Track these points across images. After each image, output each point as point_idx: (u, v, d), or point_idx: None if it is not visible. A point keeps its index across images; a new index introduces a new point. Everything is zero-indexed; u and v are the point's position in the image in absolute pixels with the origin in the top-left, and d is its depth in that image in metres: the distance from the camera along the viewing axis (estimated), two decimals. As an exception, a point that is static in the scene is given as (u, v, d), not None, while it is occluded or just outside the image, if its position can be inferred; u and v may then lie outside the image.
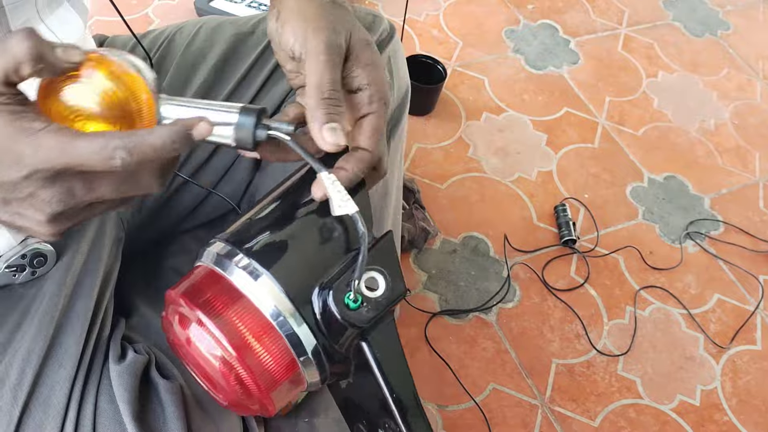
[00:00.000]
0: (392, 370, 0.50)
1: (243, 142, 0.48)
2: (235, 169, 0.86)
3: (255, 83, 0.82)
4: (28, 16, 0.62)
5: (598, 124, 1.61)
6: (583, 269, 1.34)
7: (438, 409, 1.13)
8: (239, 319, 0.46)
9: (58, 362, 0.64)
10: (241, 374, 0.46)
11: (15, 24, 0.61)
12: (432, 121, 1.54)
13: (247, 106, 0.49)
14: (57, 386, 0.63)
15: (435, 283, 1.29)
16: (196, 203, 0.86)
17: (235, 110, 0.48)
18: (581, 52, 1.77)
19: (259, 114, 0.49)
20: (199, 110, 0.48)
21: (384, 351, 0.50)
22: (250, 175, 0.88)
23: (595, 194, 1.47)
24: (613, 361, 1.23)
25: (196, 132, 0.43)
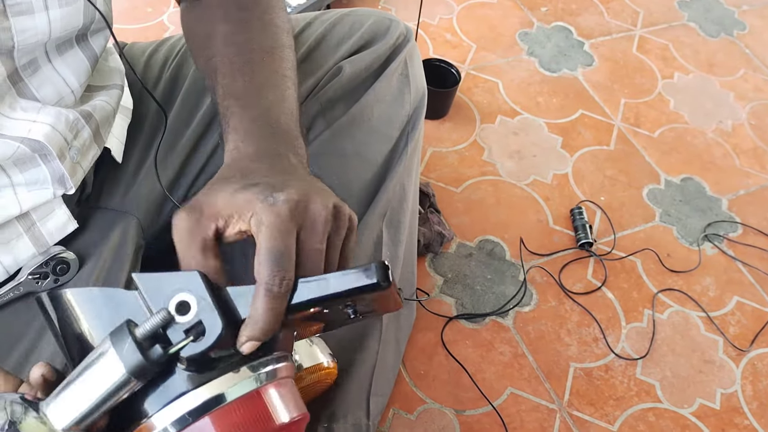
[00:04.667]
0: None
1: (140, 371, 0.42)
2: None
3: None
4: (36, 55, 0.62)
5: (614, 126, 1.60)
6: (600, 272, 1.34)
7: (455, 413, 1.13)
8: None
9: None
10: None
11: (21, 62, 0.61)
12: (446, 125, 1.54)
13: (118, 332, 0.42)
14: None
15: (451, 287, 1.29)
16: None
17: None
18: (596, 54, 1.77)
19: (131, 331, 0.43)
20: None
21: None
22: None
23: (611, 197, 1.46)
24: (631, 364, 1.22)
25: None
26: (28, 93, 0.63)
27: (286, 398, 0.49)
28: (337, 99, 0.87)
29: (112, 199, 0.77)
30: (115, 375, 0.41)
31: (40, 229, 0.67)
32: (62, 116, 0.64)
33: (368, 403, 1.01)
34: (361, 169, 0.90)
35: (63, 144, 0.64)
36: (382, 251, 0.96)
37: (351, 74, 0.88)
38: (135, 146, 0.80)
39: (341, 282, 0.45)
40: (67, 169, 0.64)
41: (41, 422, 0.42)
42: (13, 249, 0.66)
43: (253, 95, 0.62)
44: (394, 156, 0.95)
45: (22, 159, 0.62)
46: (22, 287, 0.66)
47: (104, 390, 0.42)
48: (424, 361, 1.18)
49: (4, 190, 0.62)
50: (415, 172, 1.01)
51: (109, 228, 0.74)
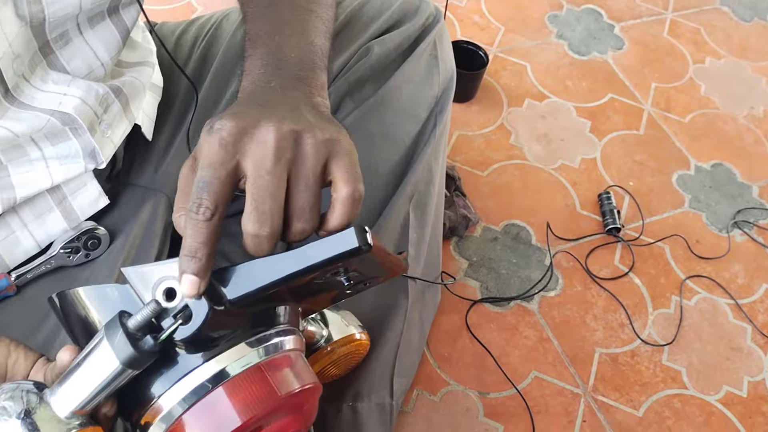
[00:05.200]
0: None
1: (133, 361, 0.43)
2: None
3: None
4: (67, 28, 0.63)
5: (644, 110, 1.58)
6: (628, 258, 1.32)
7: (479, 395, 1.13)
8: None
9: None
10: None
11: (52, 35, 0.61)
12: (473, 108, 1.53)
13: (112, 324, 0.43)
14: None
15: (476, 271, 1.28)
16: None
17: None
18: (626, 38, 1.74)
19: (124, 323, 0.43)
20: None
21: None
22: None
23: (640, 182, 1.44)
24: (657, 350, 1.21)
25: None
26: (59, 65, 0.64)
27: (293, 369, 0.49)
28: (366, 79, 0.87)
29: (143, 176, 0.78)
30: (110, 366, 0.42)
31: (72, 204, 0.68)
32: (92, 90, 0.64)
33: (392, 383, 1.02)
34: (388, 150, 0.90)
35: (93, 117, 0.64)
36: (409, 233, 0.96)
37: (380, 54, 0.87)
38: (165, 124, 0.81)
39: (319, 251, 0.44)
40: (98, 142, 0.65)
41: (53, 409, 0.43)
42: (45, 222, 0.67)
43: (268, 35, 0.59)
44: (422, 138, 0.94)
45: (53, 132, 0.63)
46: (54, 261, 0.67)
47: (102, 380, 0.43)
48: (449, 343, 1.18)
49: (35, 162, 0.63)
50: (442, 155, 1.01)
51: (139, 205, 0.75)
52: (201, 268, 0.43)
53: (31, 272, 0.66)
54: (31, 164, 0.63)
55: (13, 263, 0.66)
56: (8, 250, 0.65)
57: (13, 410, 0.42)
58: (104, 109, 0.66)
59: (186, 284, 0.43)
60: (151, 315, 0.43)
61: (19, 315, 0.65)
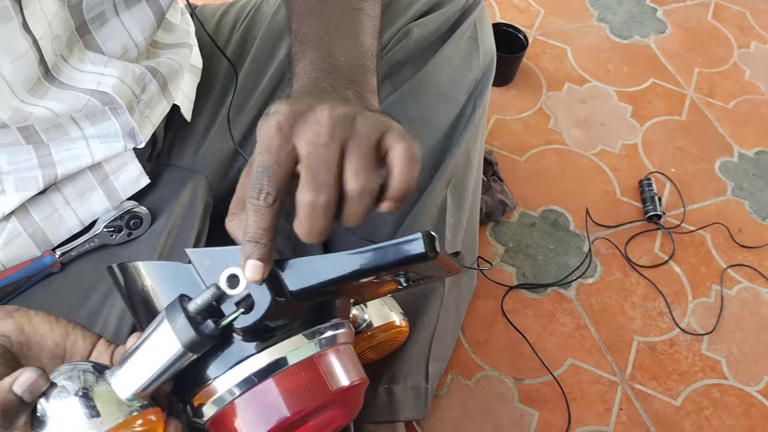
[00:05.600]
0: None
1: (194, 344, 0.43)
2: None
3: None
4: (104, 8, 0.63)
5: (686, 95, 1.55)
6: (668, 246, 1.30)
7: (514, 381, 1.13)
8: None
9: None
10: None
11: (89, 15, 0.62)
12: (511, 92, 1.51)
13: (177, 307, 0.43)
14: None
15: (512, 257, 1.27)
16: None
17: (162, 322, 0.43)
18: (669, 21, 1.70)
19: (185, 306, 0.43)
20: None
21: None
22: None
23: (682, 169, 1.41)
24: (697, 340, 1.19)
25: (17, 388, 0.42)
26: (95, 46, 0.65)
27: (345, 363, 0.49)
28: (404, 62, 0.86)
29: (183, 157, 0.78)
30: (171, 349, 0.43)
31: (113, 182, 0.69)
32: (129, 70, 0.65)
33: (427, 366, 1.02)
34: (426, 134, 0.89)
35: (131, 97, 0.65)
36: (446, 218, 0.96)
37: (419, 37, 0.86)
38: (205, 106, 0.81)
39: (386, 253, 0.44)
40: (137, 122, 0.66)
41: (112, 390, 0.44)
42: (88, 200, 0.68)
43: (318, 37, 0.59)
44: (461, 121, 0.93)
45: (93, 112, 0.63)
46: (97, 239, 0.68)
47: (162, 363, 0.43)
48: (484, 328, 1.18)
49: (76, 141, 0.64)
50: (481, 139, 1.00)
51: (180, 185, 0.75)
52: (265, 254, 0.44)
53: (75, 250, 0.67)
54: (72, 143, 0.64)
55: (56, 240, 0.67)
56: (52, 228, 0.66)
57: (72, 389, 0.42)
58: (142, 89, 0.67)
59: (250, 269, 0.43)
60: (211, 300, 0.43)
61: (64, 291, 0.66)
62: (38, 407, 0.42)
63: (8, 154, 0.62)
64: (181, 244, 0.71)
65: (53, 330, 0.49)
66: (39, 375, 0.42)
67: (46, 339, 0.48)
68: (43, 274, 0.66)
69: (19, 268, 0.64)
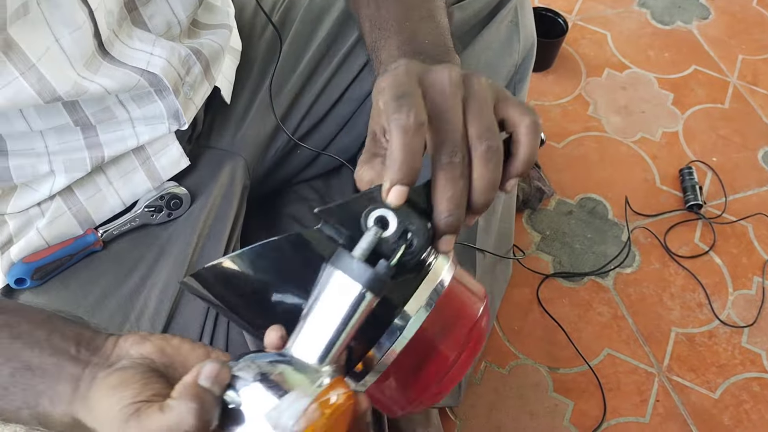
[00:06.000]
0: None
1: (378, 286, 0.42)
2: (354, 121, 0.86)
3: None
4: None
5: (729, 83, 1.51)
6: (709, 236, 1.27)
7: (549, 370, 1.12)
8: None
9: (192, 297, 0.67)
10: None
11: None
12: (550, 77, 1.49)
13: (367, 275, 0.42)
14: (191, 318, 0.66)
15: (549, 245, 1.26)
16: (314, 155, 0.87)
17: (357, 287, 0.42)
18: (712, 7, 1.66)
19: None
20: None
21: None
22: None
23: (724, 157, 1.38)
24: (737, 332, 1.17)
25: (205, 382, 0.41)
26: (141, 22, 0.65)
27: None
28: (445, 45, 0.85)
29: (222, 139, 0.78)
30: (351, 296, 0.41)
31: (155, 164, 0.69)
32: (175, 51, 0.65)
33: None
34: (465, 119, 0.88)
35: (177, 79, 0.65)
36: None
37: (459, 20, 0.85)
38: (244, 88, 0.81)
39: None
40: (181, 104, 0.66)
41: (290, 365, 0.42)
42: (130, 181, 0.68)
43: (398, 21, 0.59)
44: (499, 107, 0.92)
45: (140, 94, 0.64)
46: (138, 219, 0.68)
47: (344, 314, 0.41)
48: (519, 317, 1.17)
49: (123, 123, 0.65)
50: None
51: (219, 167, 0.76)
52: (413, 177, 0.43)
53: (116, 229, 0.67)
54: (119, 125, 0.65)
55: (99, 220, 0.68)
56: (95, 207, 0.67)
57: (249, 376, 0.41)
58: (186, 71, 0.67)
59: (395, 194, 0.43)
60: (374, 241, 0.42)
61: (105, 269, 0.67)
62: (227, 400, 0.41)
63: (57, 135, 0.62)
64: (220, 225, 0.72)
65: (195, 349, 0.47)
66: (222, 365, 0.41)
67: (189, 359, 0.47)
68: (86, 252, 0.67)
69: (62, 246, 0.65)
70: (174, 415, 0.40)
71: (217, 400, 0.41)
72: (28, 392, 0.46)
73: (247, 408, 0.40)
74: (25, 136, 0.61)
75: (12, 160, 0.61)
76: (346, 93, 0.83)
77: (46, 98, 0.55)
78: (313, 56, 0.82)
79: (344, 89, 0.83)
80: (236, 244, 0.75)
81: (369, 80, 0.83)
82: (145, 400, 0.42)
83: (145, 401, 0.42)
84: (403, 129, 0.43)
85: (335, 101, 0.83)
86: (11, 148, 0.61)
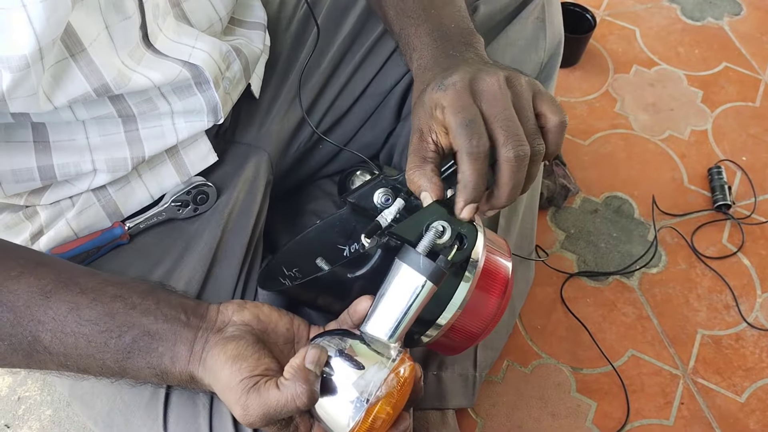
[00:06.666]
0: None
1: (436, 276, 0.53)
2: (377, 117, 0.86)
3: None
4: None
5: (761, 81, 1.48)
6: (737, 237, 1.25)
7: (572, 370, 1.11)
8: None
9: (215, 290, 0.67)
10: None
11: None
12: (577, 73, 1.47)
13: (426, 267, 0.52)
14: None
15: (573, 243, 1.25)
16: (336, 151, 0.87)
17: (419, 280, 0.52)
18: (744, 3, 1.63)
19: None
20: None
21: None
22: (392, 124, 0.87)
23: (754, 157, 1.36)
24: (765, 335, 1.15)
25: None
26: (184, 17, 0.67)
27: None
28: (469, 39, 0.85)
29: (247, 134, 0.79)
30: (416, 285, 0.52)
31: (183, 158, 0.69)
32: (217, 46, 0.66)
33: (476, 354, 1.00)
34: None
35: (218, 73, 0.66)
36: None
37: (485, 14, 0.84)
38: (269, 84, 0.81)
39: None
40: (221, 98, 0.66)
41: (363, 343, 0.52)
42: (158, 175, 0.69)
43: (424, 9, 0.67)
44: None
45: (181, 86, 0.64)
46: (165, 213, 0.69)
47: (409, 300, 0.52)
48: (542, 315, 1.16)
49: (163, 117, 0.65)
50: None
51: (244, 161, 0.76)
52: (480, 197, 0.54)
53: (144, 222, 0.68)
54: (159, 119, 0.65)
55: (127, 212, 0.68)
56: (123, 199, 0.68)
57: (337, 351, 0.51)
58: (227, 66, 0.68)
59: (469, 211, 0.54)
60: (434, 240, 0.52)
61: (131, 262, 0.67)
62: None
63: (99, 126, 0.63)
64: (244, 220, 0.72)
65: (282, 317, 0.58)
66: (321, 349, 0.51)
67: (279, 326, 0.57)
68: (113, 244, 0.67)
69: (91, 238, 0.65)
70: (289, 394, 0.49)
71: (319, 378, 0.50)
72: (151, 354, 0.54)
73: (338, 378, 0.50)
74: (69, 126, 0.62)
75: (56, 156, 0.62)
76: (369, 88, 0.83)
77: (94, 84, 0.57)
78: (337, 51, 0.82)
79: (367, 84, 0.83)
80: (260, 237, 0.75)
81: (392, 75, 0.83)
82: (261, 375, 0.51)
83: (261, 375, 0.51)
84: (475, 157, 0.52)
85: (358, 96, 0.83)
86: (53, 139, 0.62)
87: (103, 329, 0.54)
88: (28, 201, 0.64)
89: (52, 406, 1.05)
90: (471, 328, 0.60)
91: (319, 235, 0.65)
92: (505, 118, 0.52)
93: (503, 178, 0.53)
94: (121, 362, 0.55)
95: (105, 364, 0.55)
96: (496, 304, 0.59)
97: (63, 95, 0.55)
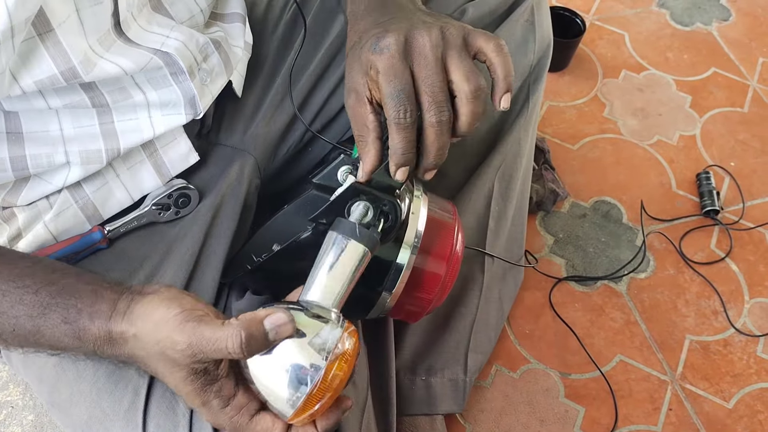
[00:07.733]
0: None
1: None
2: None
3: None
4: None
5: (749, 86, 1.48)
6: (725, 242, 1.25)
7: (560, 375, 1.10)
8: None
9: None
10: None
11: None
12: (566, 78, 1.47)
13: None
14: None
15: (562, 248, 1.24)
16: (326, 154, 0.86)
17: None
18: (733, 8, 1.63)
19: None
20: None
21: None
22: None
23: (742, 163, 1.36)
24: (752, 341, 1.15)
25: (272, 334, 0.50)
26: (162, 9, 0.66)
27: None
28: (457, 43, 0.84)
29: (232, 136, 0.78)
30: (356, 254, 0.54)
31: (162, 157, 0.68)
32: (193, 37, 0.65)
33: (466, 358, 1.00)
34: (478, 119, 0.87)
35: (192, 62, 0.65)
36: (491, 206, 0.93)
37: (474, 18, 0.84)
38: (254, 85, 0.80)
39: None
40: (197, 89, 0.65)
41: (305, 311, 0.52)
42: (137, 174, 0.67)
43: None
44: (514, 108, 0.91)
45: (155, 77, 0.63)
46: (145, 216, 0.68)
47: (351, 268, 0.54)
48: (531, 320, 1.15)
49: (139, 109, 0.64)
50: (533, 126, 0.97)
51: (228, 164, 0.75)
52: (412, 161, 0.57)
53: (123, 226, 0.67)
54: (134, 111, 0.64)
55: (106, 215, 0.67)
56: (102, 201, 0.66)
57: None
58: (204, 58, 0.67)
59: (401, 173, 0.57)
60: (364, 213, 0.57)
61: (111, 267, 0.66)
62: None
63: (73, 117, 0.62)
64: (227, 224, 0.71)
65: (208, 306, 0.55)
66: (290, 320, 0.50)
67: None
68: (92, 249, 0.66)
69: (68, 243, 0.64)
70: (227, 334, 0.48)
71: (267, 344, 0.49)
72: (68, 311, 0.52)
73: (293, 340, 0.50)
74: (41, 116, 0.61)
75: (28, 147, 0.61)
76: None
77: (61, 67, 0.56)
78: (326, 53, 0.81)
79: None
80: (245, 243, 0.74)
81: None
82: (202, 314, 0.50)
83: (202, 314, 0.50)
84: (402, 127, 0.55)
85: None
86: (26, 129, 0.61)
87: (20, 285, 0.53)
88: (5, 201, 0.63)
89: (34, 411, 1.04)
90: (424, 293, 0.64)
91: (287, 219, 0.66)
92: (431, 83, 0.55)
93: (428, 140, 0.56)
94: (36, 319, 0.52)
95: (18, 323, 0.53)
96: (445, 258, 0.64)
97: (29, 76, 0.55)
